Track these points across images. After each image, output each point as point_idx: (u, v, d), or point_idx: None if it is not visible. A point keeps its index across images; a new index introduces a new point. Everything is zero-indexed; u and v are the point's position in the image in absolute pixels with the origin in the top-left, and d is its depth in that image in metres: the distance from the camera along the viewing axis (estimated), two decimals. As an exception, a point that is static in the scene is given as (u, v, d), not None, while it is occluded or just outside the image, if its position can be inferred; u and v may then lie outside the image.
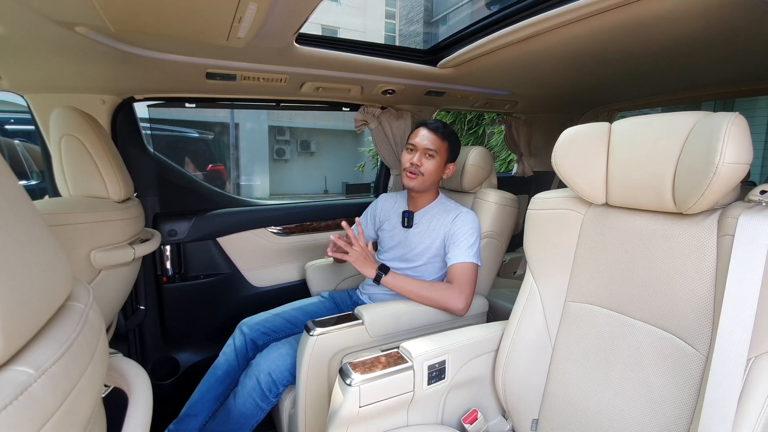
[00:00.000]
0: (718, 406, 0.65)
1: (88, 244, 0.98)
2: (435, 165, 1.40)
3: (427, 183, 1.41)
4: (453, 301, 1.27)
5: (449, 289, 1.29)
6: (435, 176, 1.42)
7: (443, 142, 1.41)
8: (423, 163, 1.39)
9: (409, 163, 1.40)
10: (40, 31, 0.90)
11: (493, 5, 4.08)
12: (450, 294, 1.28)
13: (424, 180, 1.40)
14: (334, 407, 0.93)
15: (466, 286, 1.28)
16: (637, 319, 0.86)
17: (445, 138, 1.41)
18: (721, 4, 0.90)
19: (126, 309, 1.57)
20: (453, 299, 1.27)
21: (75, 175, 1.08)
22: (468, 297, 1.28)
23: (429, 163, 1.39)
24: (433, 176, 1.41)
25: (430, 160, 1.39)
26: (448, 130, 1.43)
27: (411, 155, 1.41)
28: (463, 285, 1.28)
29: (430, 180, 1.42)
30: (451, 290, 1.28)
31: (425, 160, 1.39)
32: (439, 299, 1.28)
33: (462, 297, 1.27)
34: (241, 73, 1.33)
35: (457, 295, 1.27)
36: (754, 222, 0.67)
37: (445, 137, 1.41)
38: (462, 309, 1.27)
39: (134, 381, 0.58)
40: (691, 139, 0.74)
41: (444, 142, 1.41)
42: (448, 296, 1.27)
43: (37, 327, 0.35)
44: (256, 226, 1.84)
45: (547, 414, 0.99)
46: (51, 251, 0.38)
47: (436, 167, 1.40)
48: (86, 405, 0.39)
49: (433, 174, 1.41)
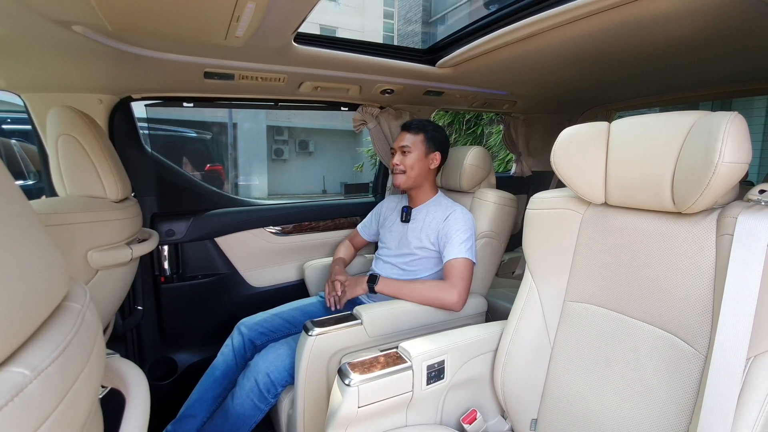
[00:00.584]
0: (717, 405, 0.65)
1: (85, 244, 0.98)
2: (414, 158, 1.46)
3: (413, 178, 1.47)
4: (446, 295, 1.28)
5: (442, 284, 1.31)
6: (419, 169, 1.47)
7: (417, 135, 1.47)
8: (402, 161, 1.46)
9: (392, 165, 1.49)
10: (37, 30, 0.89)
11: (491, 5, 4.08)
12: (442, 289, 1.29)
13: (408, 176, 1.46)
14: (333, 407, 0.92)
15: (459, 280, 1.29)
16: (636, 319, 0.86)
17: (420, 130, 1.47)
18: (718, 4, 0.90)
19: (123, 309, 1.57)
20: (446, 293, 1.28)
21: (72, 175, 1.07)
22: (462, 291, 1.29)
23: (407, 158, 1.46)
24: (416, 169, 1.46)
25: (407, 156, 1.46)
26: (423, 123, 1.49)
27: (394, 158, 1.49)
28: (456, 279, 1.29)
29: (415, 174, 1.47)
30: (444, 285, 1.30)
31: (404, 158, 1.46)
32: (432, 296, 1.30)
33: (455, 291, 1.28)
34: (239, 72, 1.33)
35: (450, 289, 1.28)
36: (753, 221, 0.67)
37: (420, 130, 1.47)
38: (456, 303, 1.28)
39: (131, 382, 0.58)
40: (690, 138, 0.74)
41: (418, 134, 1.47)
42: (441, 291, 1.29)
43: (32, 328, 0.34)
44: (254, 226, 1.84)
45: (546, 413, 0.99)
46: (47, 251, 0.38)
47: (416, 160, 1.46)
48: (83, 406, 0.38)
49: (416, 167, 1.46)
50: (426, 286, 1.32)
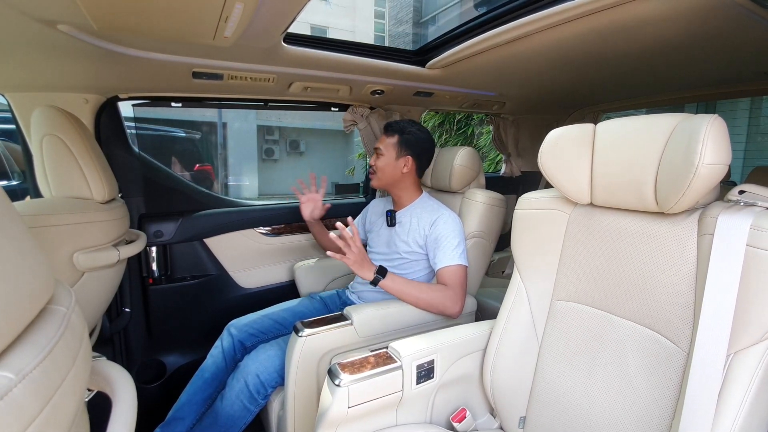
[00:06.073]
0: (699, 401, 0.67)
1: (70, 246, 0.96)
2: (384, 161, 1.46)
3: (383, 179, 1.48)
4: (449, 304, 1.27)
5: (445, 292, 1.28)
6: (389, 172, 1.46)
7: (391, 137, 1.46)
8: (375, 162, 1.48)
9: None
10: (21, 28, 0.88)
11: (481, 7, 4.10)
12: (448, 298, 1.28)
13: (378, 177, 1.48)
14: (323, 408, 0.92)
15: (459, 288, 1.29)
16: (620, 317, 0.87)
17: (394, 133, 1.46)
18: (703, 8, 0.92)
19: (111, 311, 1.55)
20: (449, 303, 1.27)
21: (57, 176, 1.06)
22: (463, 300, 1.30)
23: (379, 161, 1.47)
24: (386, 172, 1.47)
25: (380, 158, 1.47)
26: (402, 125, 1.47)
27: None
28: (456, 288, 1.29)
29: (386, 177, 1.47)
30: (447, 294, 1.28)
31: (377, 160, 1.47)
32: (437, 303, 1.28)
33: (458, 300, 1.28)
34: (228, 72, 1.32)
35: (454, 298, 1.28)
36: (732, 221, 0.69)
37: (394, 132, 1.46)
38: (458, 312, 1.29)
39: (118, 384, 0.57)
40: (672, 140, 0.76)
41: (393, 137, 1.46)
42: (445, 300, 1.28)
43: (17, 331, 0.34)
44: (244, 227, 1.83)
45: (534, 411, 1.00)
46: (30, 254, 0.37)
47: (386, 163, 1.46)
48: (68, 409, 0.38)
49: (386, 170, 1.46)
50: (431, 291, 1.29)
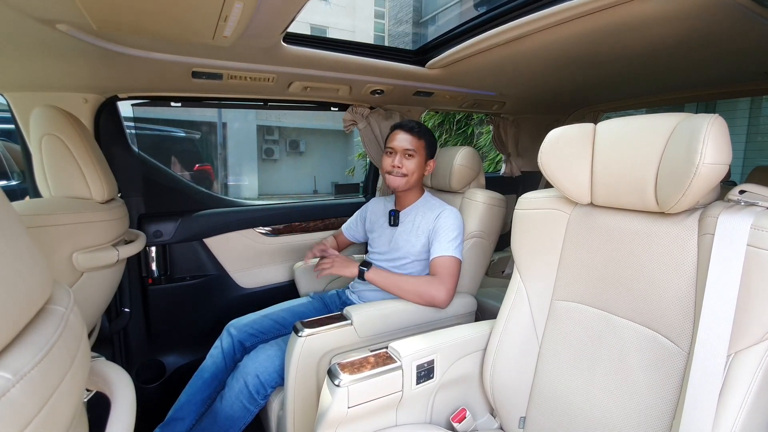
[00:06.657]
0: (699, 401, 0.67)
1: (70, 246, 0.96)
2: (416, 164, 1.45)
3: (411, 182, 1.46)
4: (434, 292, 1.29)
5: (431, 281, 1.32)
6: (418, 174, 1.47)
7: (420, 141, 1.45)
8: (404, 164, 1.43)
9: (391, 166, 1.45)
10: (20, 28, 0.88)
11: (481, 6, 4.09)
12: (432, 285, 1.30)
13: (408, 179, 1.45)
14: (323, 408, 0.92)
15: (448, 278, 1.31)
16: (621, 317, 0.87)
17: (422, 137, 1.46)
18: (704, 8, 0.92)
19: (110, 311, 1.55)
20: (434, 290, 1.29)
21: (56, 176, 1.06)
22: (450, 289, 1.30)
23: (410, 162, 1.44)
24: (416, 175, 1.46)
25: (410, 160, 1.44)
26: (423, 129, 1.48)
27: (391, 158, 1.45)
28: (444, 277, 1.30)
29: (414, 179, 1.46)
30: (432, 282, 1.31)
31: (406, 161, 1.44)
32: (421, 291, 1.30)
33: (443, 288, 1.29)
34: (227, 72, 1.32)
35: (439, 286, 1.29)
36: (733, 221, 0.69)
37: (421, 136, 1.46)
38: (444, 301, 1.30)
39: (117, 385, 0.57)
40: (673, 140, 0.76)
41: (421, 140, 1.45)
42: (431, 287, 1.30)
43: (15, 331, 0.34)
44: (243, 227, 1.82)
45: (534, 411, 1.00)
46: (28, 254, 0.37)
47: (417, 165, 1.45)
48: (67, 410, 0.38)
49: (416, 172, 1.46)
50: (416, 281, 1.34)
